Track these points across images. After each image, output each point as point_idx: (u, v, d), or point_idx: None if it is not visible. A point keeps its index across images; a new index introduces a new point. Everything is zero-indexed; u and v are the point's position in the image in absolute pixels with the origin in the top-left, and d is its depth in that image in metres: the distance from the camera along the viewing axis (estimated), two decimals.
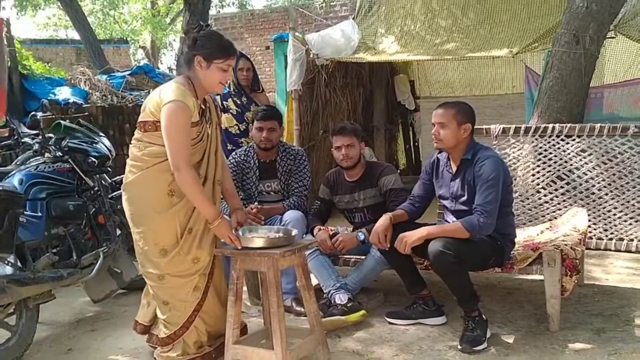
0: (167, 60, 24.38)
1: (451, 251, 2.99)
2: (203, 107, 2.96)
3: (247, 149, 4.11)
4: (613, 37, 5.68)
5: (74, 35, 16.11)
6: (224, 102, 5.05)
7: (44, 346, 3.50)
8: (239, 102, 5.02)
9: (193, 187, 2.77)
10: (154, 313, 3.14)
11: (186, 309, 2.95)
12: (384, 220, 3.31)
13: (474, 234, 3.08)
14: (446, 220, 3.42)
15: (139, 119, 2.91)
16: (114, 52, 17.18)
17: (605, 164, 4.14)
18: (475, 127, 3.34)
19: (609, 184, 4.13)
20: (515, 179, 4.27)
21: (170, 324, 2.96)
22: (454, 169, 3.31)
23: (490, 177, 3.11)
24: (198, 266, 2.92)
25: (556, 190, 4.24)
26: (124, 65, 14.78)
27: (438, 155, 3.44)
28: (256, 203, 3.82)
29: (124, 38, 19.89)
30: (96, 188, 3.99)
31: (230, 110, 5.02)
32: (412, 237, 3.11)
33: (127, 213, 2.96)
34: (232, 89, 5.09)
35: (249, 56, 5.50)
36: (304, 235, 3.73)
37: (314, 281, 3.45)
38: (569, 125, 4.27)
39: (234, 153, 4.17)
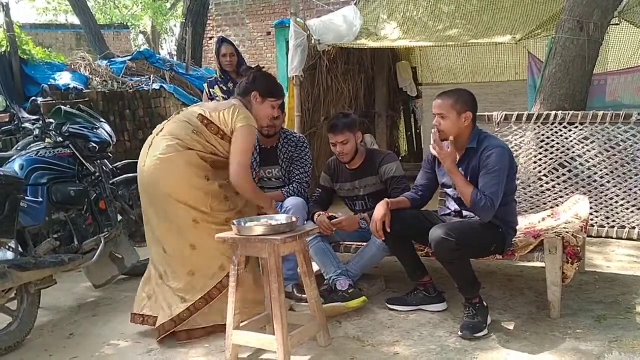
0: (168, 46, 24.26)
1: (453, 238, 2.98)
2: None
3: None
4: (617, 24, 5.64)
5: (74, 20, 16.05)
6: (211, 90, 4.98)
7: (46, 331, 3.51)
8: (225, 88, 4.95)
9: (251, 189, 3.28)
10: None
11: (206, 284, 3.21)
12: (382, 208, 3.28)
13: (472, 208, 3.09)
14: (448, 208, 3.42)
15: (207, 117, 3.23)
16: (114, 37, 17.13)
17: (608, 151, 4.12)
18: (477, 114, 3.31)
19: (611, 172, 4.11)
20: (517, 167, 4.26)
21: (187, 299, 3.19)
22: (458, 157, 3.29)
23: (497, 168, 3.09)
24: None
25: (558, 177, 4.23)
26: (124, 51, 14.75)
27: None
28: None
29: (125, 23, 19.81)
30: (97, 174, 3.99)
31: (217, 98, 4.93)
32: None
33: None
34: (218, 75, 5.05)
35: (250, 42, 5.46)
36: (305, 222, 3.73)
37: (315, 268, 3.45)
38: (571, 112, 4.25)
39: None
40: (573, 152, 4.20)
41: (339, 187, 3.98)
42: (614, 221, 4.11)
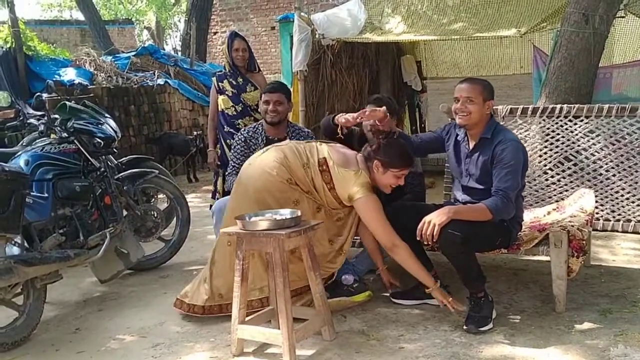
0: (172, 41, 24.27)
1: (458, 232, 2.98)
2: None
3: (256, 126, 4.12)
4: (623, 17, 5.61)
5: (79, 16, 16.08)
6: (220, 84, 4.95)
7: (52, 326, 3.52)
8: (234, 82, 4.92)
9: (410, 261, 3.19)
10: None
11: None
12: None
13: (497, 217, 3.07)
14: (456, 198, 3.41)
15: (329, 165, 3.21)
16: (119, 32, 17.15)
17: (613, 144, 4.10)
18: None
19: (617, 165, 4.09)
20: None
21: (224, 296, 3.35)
22: (471, 146, 3.28)
23: (512, 163, 3.09)
24: None
25: (563, 171, 4.22)
26: (129, 46, 14.79)
27: (457, 131, 3.40)
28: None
29: (129, 19, 19.83)
30: (102, 169, 3.99)
31: (226, 92, 4.91)
32: (441, 217, 2.97)
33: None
34: (227, 70, 5.01)
35: (254, 37, 5.44)
36: None
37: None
38: (577, 105, 4.23)
39: (242, 130, 4.19)
40: (578, 146, 4.18)
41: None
42: (619, 215, 4.09)
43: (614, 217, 4.10)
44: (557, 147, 4.23)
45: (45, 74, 7.99)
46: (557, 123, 4.23)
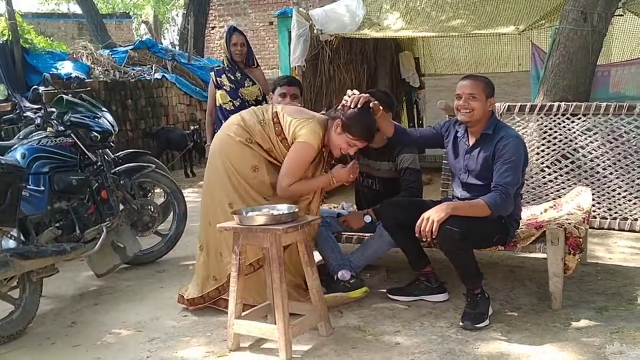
0: (170, 36, 24.19)
1: (457, 228, 2.97)
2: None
3: None
4: (621, 15, 5.61)
5: (76, 9, 16.02)
6: (218, 79, 4.93)
7: (48, 320, 3.52)
8: (232, 77, 4.90)
9: (301, 190, 3.30)
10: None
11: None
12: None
13: (495, 213, 3.07)
14: (455, 195, 3.41)
15: (279, 116, 3.28)
16: (116, 26, 17.12)
17: (611, 143, 4.10)
18: None
19: (614, 163, 4.10)
20: None
21: (217, 278, 3.38)
22: (471, 142, 3.28)
23: (513, 159, 3.09)
24: None
25: (561, 169, 4.22)
26: (126, 40, 14.75)
27: (457, 127, 3.39)
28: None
29: (127, 12, 19.78)
30: (99, 163, 3.98)
31: (224, 87, 4.90)
32: (439, 214, 2.97)
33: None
34: (225, 64, 5.00)
35: (252, 32, 5.42)
36: None
37: (317, 257, 3.44)
38: (574, 103, 4.23)
39: None
40: (576, 144, 4.18)
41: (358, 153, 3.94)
42: (616, 213, 4.10)
43: (610, 215, 4.11)
44: (554, 144, 4.23)
45: (42, 67, 7.97)
46: (554, 121, 4.23)
